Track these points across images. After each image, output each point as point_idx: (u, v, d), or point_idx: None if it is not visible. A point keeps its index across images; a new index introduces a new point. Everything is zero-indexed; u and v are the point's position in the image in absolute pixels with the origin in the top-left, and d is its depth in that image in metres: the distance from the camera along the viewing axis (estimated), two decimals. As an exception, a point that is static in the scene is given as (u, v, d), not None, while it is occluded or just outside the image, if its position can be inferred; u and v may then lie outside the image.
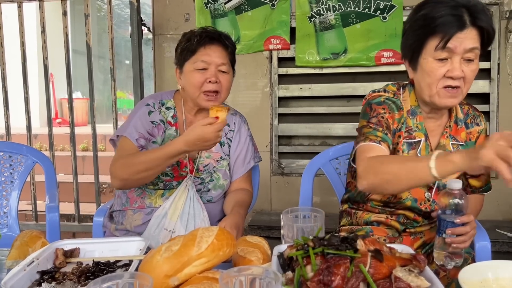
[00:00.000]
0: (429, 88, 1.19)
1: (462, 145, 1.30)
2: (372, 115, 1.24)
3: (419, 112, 1.27)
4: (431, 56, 1.16)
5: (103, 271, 0.98)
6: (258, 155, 1.71)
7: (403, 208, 1.30)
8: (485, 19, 1.13)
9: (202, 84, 1.48)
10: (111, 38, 2.90)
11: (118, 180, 1.42)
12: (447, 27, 1.13)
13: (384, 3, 2.65)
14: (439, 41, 1.14)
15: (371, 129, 1.21)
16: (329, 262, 0.78)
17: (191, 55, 1.50)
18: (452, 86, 1.16)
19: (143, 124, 1.50)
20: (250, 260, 0.95)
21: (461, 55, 1.14)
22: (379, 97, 1.28)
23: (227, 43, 1.53)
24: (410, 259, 0.82)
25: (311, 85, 2.87)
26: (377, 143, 1.18)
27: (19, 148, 1.88)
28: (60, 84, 5.99)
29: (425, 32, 1.16)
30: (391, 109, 1.25)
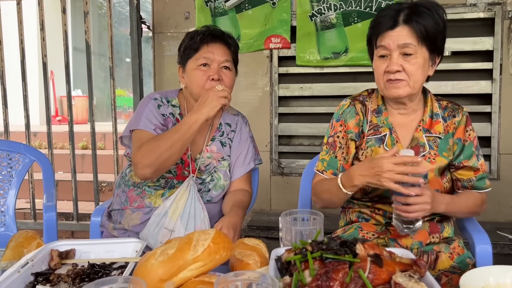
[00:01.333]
0: (378, 83, 1.32)
1: (439, 137, 1.35)
2: (330, 133, 1.42)
3: (384, 109, 1.38)
4: (375, 54, 1.31)
5: (98, 273, 0.96)
6: (259, 158, 1.70)
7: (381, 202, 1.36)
8: (417, 19, 1.25)
9: (205, 82, 1.48)
10: (110, 37, 2.88)
11: (147, 167, 1.37)
12: (380, 26, 1.27)
13: (386, 2, 2.63)
14: (374, 40, 1.30)
15: (324, 153, 1.41)
16: (327, 267, 0.76)
17: (194, 53, 1.50)
18: (391, 79, 1.26)
19: (156, 117, 1.50)
20: (247, 263, 0.93)
21: (398, 51, 1.25)
22: (338, 110, 1.43)
23: (230, 42, 1.54)
24: (410, 264, 0.81)
25: (312, 85, 2.86)
26: (320, 173, 1.40)
27: (17, 146, 1.87)
28: (60, 81, 5.98)
29: (370, 33, 1.33)
30: (346, 120, 1.40)
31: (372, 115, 1.38)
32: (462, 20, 2.66)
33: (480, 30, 2.66)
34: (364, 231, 1.34)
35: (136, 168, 1.40)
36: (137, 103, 2.86)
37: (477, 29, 2.66)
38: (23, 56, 3.03)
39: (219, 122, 1.63)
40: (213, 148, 1.58)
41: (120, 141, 1.61)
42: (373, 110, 1.39)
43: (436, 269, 1.26)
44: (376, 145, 1.35)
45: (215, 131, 1.61)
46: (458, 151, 1.35)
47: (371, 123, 1.38)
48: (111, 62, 2.90)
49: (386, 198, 1.33)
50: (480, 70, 2.66)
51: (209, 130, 1.60)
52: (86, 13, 2.86)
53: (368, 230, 1.34)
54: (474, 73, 2.67)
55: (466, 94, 2.68)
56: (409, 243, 1.29)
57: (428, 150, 1.32)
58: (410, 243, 1.30)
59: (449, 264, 1.26)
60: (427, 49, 1.27)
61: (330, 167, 1.39)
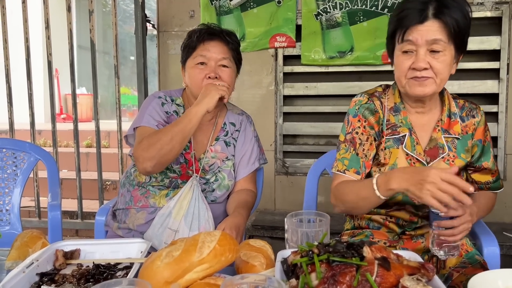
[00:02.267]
0: (400, 80, 1.23)
1: (457, 138, 1.29)
2: (348, 130, 1.32)
3: (402, 108, 1.30)
4: (398, 49, 1.22)
5: (103, 274, 0.96)
6: (264, 157, 1.70)
7: (397, 209, 1.30)
8: (449, 12, 1.16)
9: (202, 80, 1.48)
10: (115, 35, 2.88)
11: (148, 161, 1.35)
12: (408, 20, 1.18)
13: (392, 1, 2.61)
14: (400, 34, 1.19)
15: (343, 152, 1.30)
16: (334, 270, 0.76)
17: (192, 51, 1.51)
18: (418, 76, 1.19)
19: (159, 114, 1.50)
20: (253, 265, 0.92)
21: (426, 47, 1.17)
22: (354, 106, 1.33)
23: (228, 39, 1.52)
24: (418, 267, 0.80)
25: (317, 84, 2.84)
26: (342, 173, 1.29)
27: (22, 145, 1.87)
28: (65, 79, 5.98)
29: (394, 26, 1.22)
30: (366, 116, 1.30)
31: (390, 114, 1.30)
32: (469, 19, 2.64)
33: (487, 29, 2.63)
34: (375, 239, 1.30)
35: (137, 162, 1.39)
36: (141, 102, 2.86)
37: (484, 28, 2.64)
38: (28, 54, 3.03)
39: (223, 122, 1.62)
40: (217, 148, 1.58)
41: (125, 141, 1.61)
42: (390, 108, 1.31)
43: (446, 267, 1.25)
44: (394, 146, 1.28)
45: (219, 131, 1.61)
46: (479, 153, 1.32)
47: (388, 122, 1.30)
48: (116, 61, 2.90)
49: (403, 205, 1.28)
50: (487, 69, 2.64)
51: (213, 129, 1.59)
52: (91, 11, 2.86)
53: (380, 238, 1.30)
54: (481, 73, 2.65)
55: (472, 93, 2.65)
56: (420, 251, 1.28)
57: (447, 152, 1.27)
58: (422, 250, 1.30)
59: (459, 261, 1.25)
60: (454, 46, 1.20)
61: (352, 165, 1.28)
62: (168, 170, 1.49)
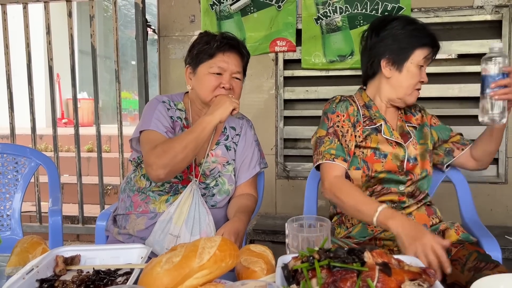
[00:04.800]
0: (407, 88, 1.44)
1: (415, 127, 1.54)
2: (329, 125, 1.48)
3: (373, 104, 1.52)
4: (417, 62, 1.42)
5: (103, 280, 0.96)
6: (264, 161, 1.69)
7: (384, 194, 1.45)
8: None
9: (215, 88, 1.48)
10: (115, 40, 2.89)
11: (161, 169, 1.35)
12: (434, 43, 1.44)
13: (392, 5, 2.62)
14: (429, 52, 1.43)
15: (328, 144, 1.44)
16: (335, 275, 0.75)
17: (208, 58, 1.49)
18: (419, 88, 1.47)
19: (166, 119, 1.50)
20: (253, 270, 0.92)
21: (425, 66, 1.46)
22: (330, 105, 1.52)
23: (244, 52, 1.54)
24: (419, 272, 0.80)
25: (317, 88, 2.85)
26: (331, 161, 1.41)
27: (23, 150, 1.87)
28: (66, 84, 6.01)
29: (418, 41, 1.42)
30: (343, 110, 1.49)
31: (363, 109, 1.51)
32: (469, 23, 2.64)
33: (487, 33, 2.63)
34: (371, 226, 1.41)
35: (150, 169, 1.37)
36: (142, 106, 2.86)
37: (484, 31, 2.64)
38: (29, 59, 3.04)
39: (223, 126, 1.62)
40: (218, 152, 1.58)
41: (130, 144, 1.59)
42: (362, 105, 1.52)
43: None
44: (373, 133, 1.47)
45: (219, 135, 1.61)
46: (438, 131, 1.58)
47: (364, 115, 1.50)
48: (117, 66, 2.91)
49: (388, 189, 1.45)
50: (487, 73, 2.64)
51: (213, 134, 1.59)
52: (92, 17, 2.87)
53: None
54: (482, 76, 2.65)
55: (473, 97, 2.65)
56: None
57: (412, 138, 1.49)
58: None
59: (456, 238, 1.38)
60: None
61: (339, 154, 1.41)
62: None
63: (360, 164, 1.44)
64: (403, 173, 1.44)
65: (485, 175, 2.67)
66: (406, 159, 1.45)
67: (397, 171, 1.44)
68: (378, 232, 1.41)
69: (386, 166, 1.43)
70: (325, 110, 1.52)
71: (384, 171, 1.43)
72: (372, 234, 1.41)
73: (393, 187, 1.44)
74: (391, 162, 1.44)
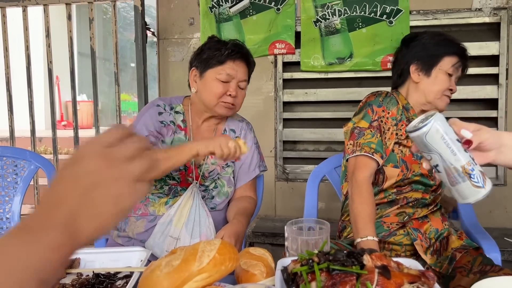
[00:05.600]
0: (436, 93, 1.47)
1: None
2: (373, 118, 1.46)
3: (410, 107, 1.53)
4: (446, 69, 1.46)
5: (103, 283, 0.96)
6: (264, 164, 1.70)
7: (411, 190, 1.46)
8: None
9: (221, 95, 1.49)
10: (115, 43, 2.89)
11: None
12: (462, 52, 1.48)
13: (391, 8, 2.62)
14: (457, 61, 1.46)
15: (369, 137, 1.43)
16: (334, 278, 0.75)
17: (218, 65, 1.50)
18: (449, 96, 1.50)
19: (153, 123, 1.50)
20: (253, 273, 0.92)
21: (455, 76, 1.49)
22: (376, 98, 1.50)
23: (251, 61, 1.58)
24: (418, 275, 0.80)
25: (316, 90, 2.85)
26: (371, 155, 1.40)
27: (22, 153, 1.88)
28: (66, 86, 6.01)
29: (447, 49, 1.47)
30: (389, 106, 1.48)
31: (404, 111, 1.52)
32: (468, 25, 2.65)
33: (486, 35, 2.64)
34: (387, 223, 1.45)
35: None
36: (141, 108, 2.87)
37: (483, 33, 2.65)
38: (29, 62, 3.04)
39: (223, 128, 1.63)
40: None
41: None
42: (402, 106, 1.52)
43: (448, 249, 1.40)
44: None
45: None
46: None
47: (405, 115, 1.52)
48: (116, 68, 2.91)
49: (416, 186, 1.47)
50: (486, 75, 2.65)
51: (213, 136, 1.60)
52: (91, 19, 2.88)
53: (392, 221, 1.45)
54: (480, 78, 2.66)
55: (472, 99, 2.66)
56: (428, 231, 1.44)
57: None
58: (429, 230, 1.44)
59: (460, 244, 1.41)
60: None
61: (378, 150, 1.41)
62: (167, 177, 1.49)
63: (399, 163, 1.45)
64: (433, 178, 1.48)
65: (484, 177, 2.67)
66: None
67: (428, 175, 1.47)
68: (387, 236, 1.42)
69: (422, 169, 1.45)
70: (370, 102, 1.50)
71: (419, 174, 1.45)
72: (380, 237, 1.42)
73: (420, 188, 1.47)
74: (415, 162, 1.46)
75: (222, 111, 1.53)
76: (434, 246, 1.42)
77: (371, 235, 1.27)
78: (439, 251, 1.41)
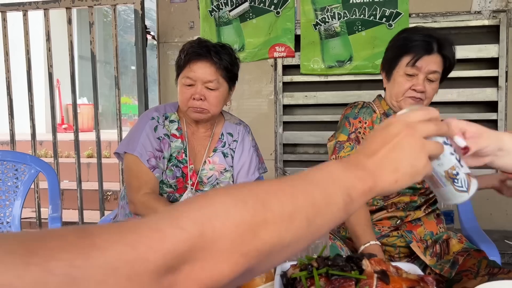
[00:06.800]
0: (396, 95, 1.45)
1: None
2: (351, 130, 1.48)
3: (392, 112, 1.51)
4: (403, 70, 1.42)
5: None
6: (264, 166, 1.69)
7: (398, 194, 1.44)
8: (448, 50, 1.40)
9: (188, 99, 1.46)
10: (115, 47, 2.90)
11: (134, 210, 1.45)
12: (419, 49, 1.39)
13: (390, 11, 2.63)
14: (411, 59, 1.39)
15: (348, 149, 1.44)
16: (333, 284, 0.75)
17: (180, 70, 1.49)
18: (415, 97, 1.42)
19: (151, 143, 1.48)
20: (252, 278, 0.92)
21: (425, 75, 1.40)
22: (352, 109, 1.52)
23: (215, 59, 1.44)
24: (417, 280, 0.80)
25: (316, 93, 2.85)
26: None
27: (23, 157, 1.88)
28: (66, 89, 6.03)
29: (402, 50, 1.43)
30: (365, 116, 1.49)
31: (383, 117, 1.52)
32: (467, 28, 2.66)
33: (485, 38, 2.65)
34: (379, 226, 1.45)
35: (130, 204, 1.46)
36: (142, 111, 2.87)
37: (482, 36, 2.65)
38: (29, 66, 3.05)
39: (220, 132, 1.62)
40: (215, 159, 1.57)
41: (116, 156, 1.59)
42: (382, 113, 1.51)
43: (450, 253, 1.38)
44: None
45: (216, 142, 1.60)
46: None
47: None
48: (116, 72, 2.92)
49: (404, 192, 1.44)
50: (485, 77, 2.65)
51: (210, 140, 1.59)
52: (91, 23, 2.89)
53: (384, 225, 1.45)
54: (480, 81, 2.66)
55: (471, 101, 2.66)
56: (422, 234, 1.42)
57: None
58: (423, 233, 1.43)
59: (461, 247, 1.40)
60: (440, 78, 1.44)
61: None
62: (164, 185, 1.49)
63: None
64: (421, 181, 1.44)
65: (484, 180, 2.67)
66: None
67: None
68: (380, 237, 1.42)
69: None
70: (346, 115, 1.52)
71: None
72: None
73: (407, 192, 1.45)
74: None
75: (193, 116, 1.50)
76: (433, 248, 1.41)
77: (373, 239, 1.27)
78: (440, 254, 1.40)
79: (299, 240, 0.47)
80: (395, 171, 0.55)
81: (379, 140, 0.56)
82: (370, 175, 0.53)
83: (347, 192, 0.50)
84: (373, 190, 0.53)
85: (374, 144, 0.56)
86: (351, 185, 0.51)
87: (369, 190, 0.53)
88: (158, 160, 1.48)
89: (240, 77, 1.60)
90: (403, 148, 0.55)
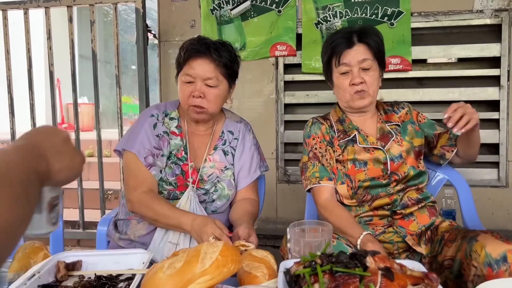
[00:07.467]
0: (344, 96, 1.51)
1: (398, 124, 1.56)
2: (308, 150, 1.55)
3: (345, 117, 1.58)
4: (337, 72, 1.50)
5: (105, 286, 0.96)
6: (265, 164, 1.68)
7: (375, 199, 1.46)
8: (370, 37, 1.48)
9: (188, 97, 1.46)
10: (116, 46, 2.89)
11: (131, 208, 1.46)
12: (340, 46, 1.48)
13: (392, 10, 2.62)
14: (336, 58, 1.48)
15: (311, 168, 1.51)
16: (337, 280, 0.75)
17: (180, 68, 1.49)
18: (358, 90, 1.46)
19: (150, 140, 1.49)
20: (255, 275, 0.92)
21: (358, 66, 1.46)
22: (305, 130, 1.59)
23: (215, 56, 1.44)
24: (421, 277, 0.79)
25: (318, 92, 2.85)
26: (318, 184, 1.48)
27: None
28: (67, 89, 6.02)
29: (328, 55, 1.52)
30: (316, 131, 1.56)
31: (337, 124, 1.58)
32: (469, 27, 2.65)
33: (487, 37, 2.64)
34: (372, 226, 1.46)
35: (127, 202, 1.47)
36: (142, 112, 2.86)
37: (484, 35, 2.65)
38: (30, 65, 3.05)
39: (221, 130, 1.61)
40: (216, 157, 1.57)
41: (117, 154, 1.59)
42: (336, 120, 1.59)
43: (438, 232, 1.41)
44: (350, 145, 1.52)
45: (217, 140, 1.60)
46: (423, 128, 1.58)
47: (338, 130, 1.56)
48: (117, 71, 2.91)
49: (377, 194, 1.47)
50: (487, 76, 2.64)
51: (210, 138, 1.59)
52: (92, 22, 2.88)
53: (377, 224, 1.46)
54: (482, 80, 2.65)
55: (473, 100, 2.65)
56: (416, 228, 1.44)
57: (395, 136, 1.52)
58: (417, 228, 1.44)
59: (451, 227, 1.42)
60: (378, 64, 1.50)
61: (323, 175, 1.49)
62: (164, 183, 1.48)
63: (343, 178, 1.49)
64: (387, 176, 1.47)
65: (486, 179, 2.67)
66: (390, 159, 1.47)
67: (381, 176, 1.47)
68: (377, 234, 1.42)
69: (370, 173, 1.47)
70: (303, 136, 1.60)
71: (367, 179, 1.46)
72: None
73: (381, 192, 1.47)
74: (373, 168, 1.47)
75: (193, 115, 1.50)
76: (425, 236, 1.43)
77: (364, 231, 1.32)
78: (431, 238, 1.43)
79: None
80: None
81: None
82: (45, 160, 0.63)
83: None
84: (48, 169, 0.63)
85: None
86: (37, 163, 0.61)
87: (46, 168, 0.62)
88: (156, 158, 1.48)
89: (241, 76, 1.59)
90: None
